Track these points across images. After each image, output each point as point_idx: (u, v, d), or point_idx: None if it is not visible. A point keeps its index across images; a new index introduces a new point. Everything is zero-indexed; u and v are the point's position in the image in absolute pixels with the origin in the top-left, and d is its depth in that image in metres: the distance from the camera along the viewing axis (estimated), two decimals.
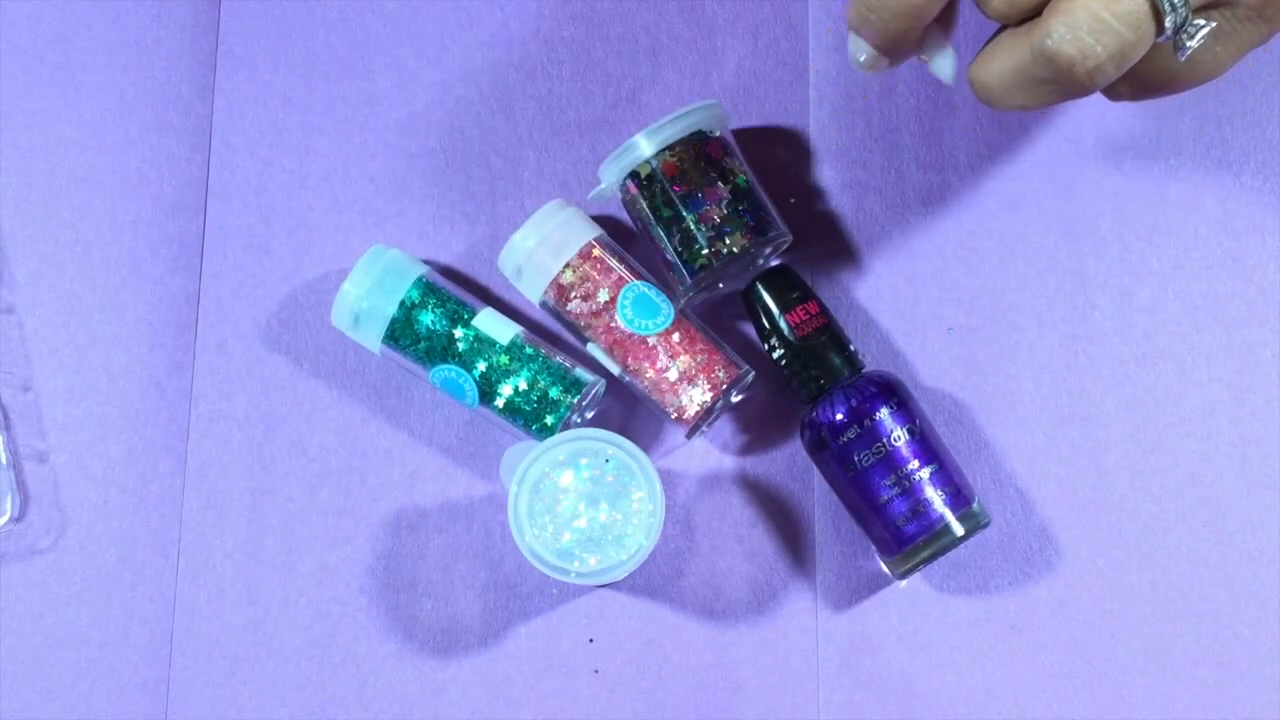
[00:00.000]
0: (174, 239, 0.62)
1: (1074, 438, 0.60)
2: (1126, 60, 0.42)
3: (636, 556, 0.55)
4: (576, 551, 0.56)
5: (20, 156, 0.63)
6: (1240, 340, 0.61)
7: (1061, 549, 0.60)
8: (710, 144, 0.57)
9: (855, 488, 0.57)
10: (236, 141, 0.63)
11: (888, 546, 0.57)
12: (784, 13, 0.63)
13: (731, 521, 0.60)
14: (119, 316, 0.62)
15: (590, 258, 0.58)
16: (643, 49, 0.63)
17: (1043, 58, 0.42)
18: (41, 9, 0.63)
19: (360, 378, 0.61)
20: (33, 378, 0.61)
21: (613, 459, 0.56)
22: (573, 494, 0.56)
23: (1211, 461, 0.60)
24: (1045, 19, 0.42)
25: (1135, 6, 0.41)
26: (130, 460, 0.61)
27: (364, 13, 0.64)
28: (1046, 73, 0.43)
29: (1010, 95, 0.45)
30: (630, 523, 0.56)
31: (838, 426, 0.57)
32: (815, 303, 0.58)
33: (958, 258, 0.61)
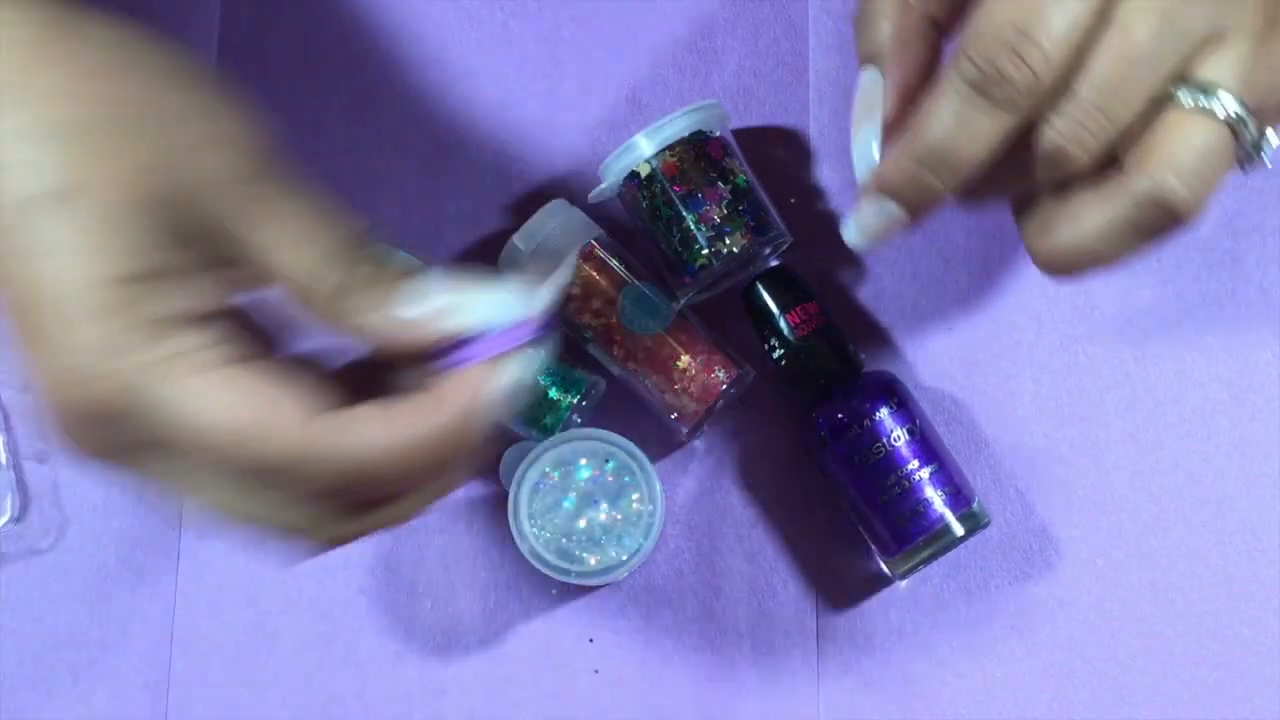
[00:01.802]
0: None
1: (1074, 438, 0.60)
2: (1220, 188, 0.41)
3: (637, 556, 0.55)
4: (576, 551, 0.56)
5: None
6: (1240, 340, 0.61)
7: (1061, 549, 0.60)
8: (710, 144, 0.57)
9: (855, 488, 0.57)
10: None
11: (888, 546, 0.57)
12: (784, 13, 0.63)
13: (731, 521, 0.60)
14: None
15: (590, 258, 0.58)
16: (643, 49, 0.63)
17: (1153, 205, 0.41)
18: None
19: None
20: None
21: (613, 459, 0.56)
22: (573, 494, 0.56)
23: (1211, 461, 0.60)
24: (1144, 168, 0.41)
25: (1224, 138, 0.41)
26: None
27: (364, 12, 0.64)
28: (1154, 220, 0.41)
29: (1112, 249, 0.42)
30: (630, 523, 0.56)
31: (838, 426, 0.57)
32: (815, 303, 0.58)
33: (958, 258, 0.61)
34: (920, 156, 0.41)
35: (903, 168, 0.42)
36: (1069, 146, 0.40)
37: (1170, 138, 0.40)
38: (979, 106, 0.40)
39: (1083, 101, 0.40)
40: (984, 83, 0.39)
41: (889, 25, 0.44)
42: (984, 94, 0.39)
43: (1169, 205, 0.40)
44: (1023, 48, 0.39)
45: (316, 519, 0.37)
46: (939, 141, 0.41)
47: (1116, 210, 0.41)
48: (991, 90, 0.39)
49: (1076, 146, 0.40)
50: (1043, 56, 0.39)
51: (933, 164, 0.41)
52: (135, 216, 0.34)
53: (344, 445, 0.36)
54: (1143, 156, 0.41)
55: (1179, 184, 0.40)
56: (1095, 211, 0.42)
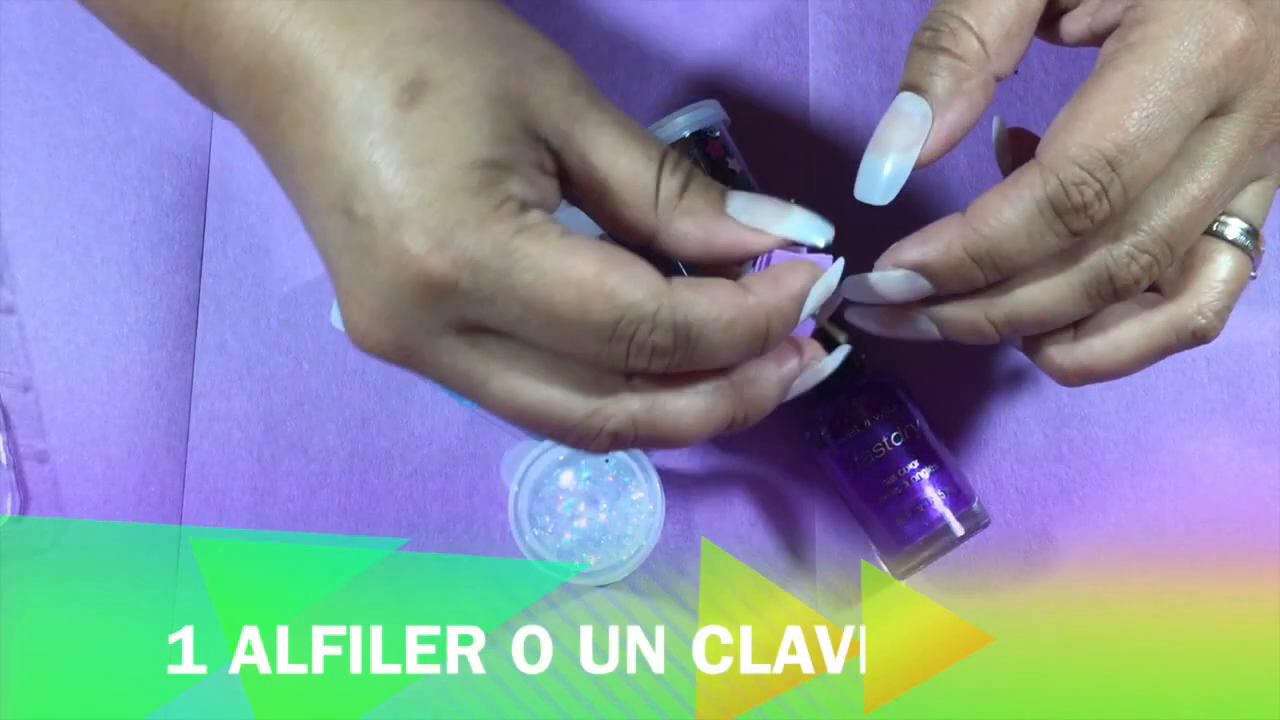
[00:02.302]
0: (174, 239, 0.62)
1: (1074, 438, 0.60)
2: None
3: (636, 556, 0.55)
4: (576, 551, 0.56)
5: (20, 156, 0.63)
6: (1240, 340, 0.61)
7: (1061, 549, 0.60)
8: (710, 144, 0.57)
9: (855, 488, 0.57)
10: (236, 141, 0.62)
11: (888, 546, 0.57)
12: (784, 13, 0.63)
13: (731, 521, 0.60)
14: (119, 316, 0.62)
15: None
16: (642, 49, 0.63)
17: (1191, 335, 0.44)
18: (41, 9, 0.63)
19: (360, 378, 0.61)
20: (33, 378, 0.61)
21: (613, 459, 0.56)
22: (573, 494, 0.56)
23: (1211, 461, 0.60)
24: (1184, 304, 0.43)
25: (1246, 266, 0.44)
26: (130, 460, 0.61)
27: None
28: (1188, 344, 0.44)
29: (1138, 366, 0.45)
30: (630, 523, 0.56)
31: (838, 426, 0.57)
32: None
33: None
34: (976, 252, 0.41)
35: (954, 256, 0.42)
36: (1141, 277, 0.42)
37: (1207, 268, 0.43)
38: (1050, 225, 0.40)
39: (1158, 238, 0.41)
40: (1065, 209, 0.40)
41: (951, 70, 0.43)
42: (1061, 217, 0.40)
43: (1203, 333, 0.43)
44: (1110, 184, 0.39)
45: (620, 397, 0.39)
46: (999, 244, 0.41)
47: (1155, 336, 0.44)
48: (1069, 218, 0.40)
49: (1144, 277, 0.42)
50: (1124, 197, 0.39)
51: (984, 261, 0.41)
52: (495, 110, 0.36)
53: (699, 303, 0.38)
54: (1183, 286, 0.44)
55: (1214, 315, 0.43)
56: (1135, 335, 0.44)
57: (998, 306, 0.43)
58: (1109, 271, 0.41)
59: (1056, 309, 0.43)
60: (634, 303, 0.37)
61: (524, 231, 0.36)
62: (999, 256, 0.41)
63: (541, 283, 0.36)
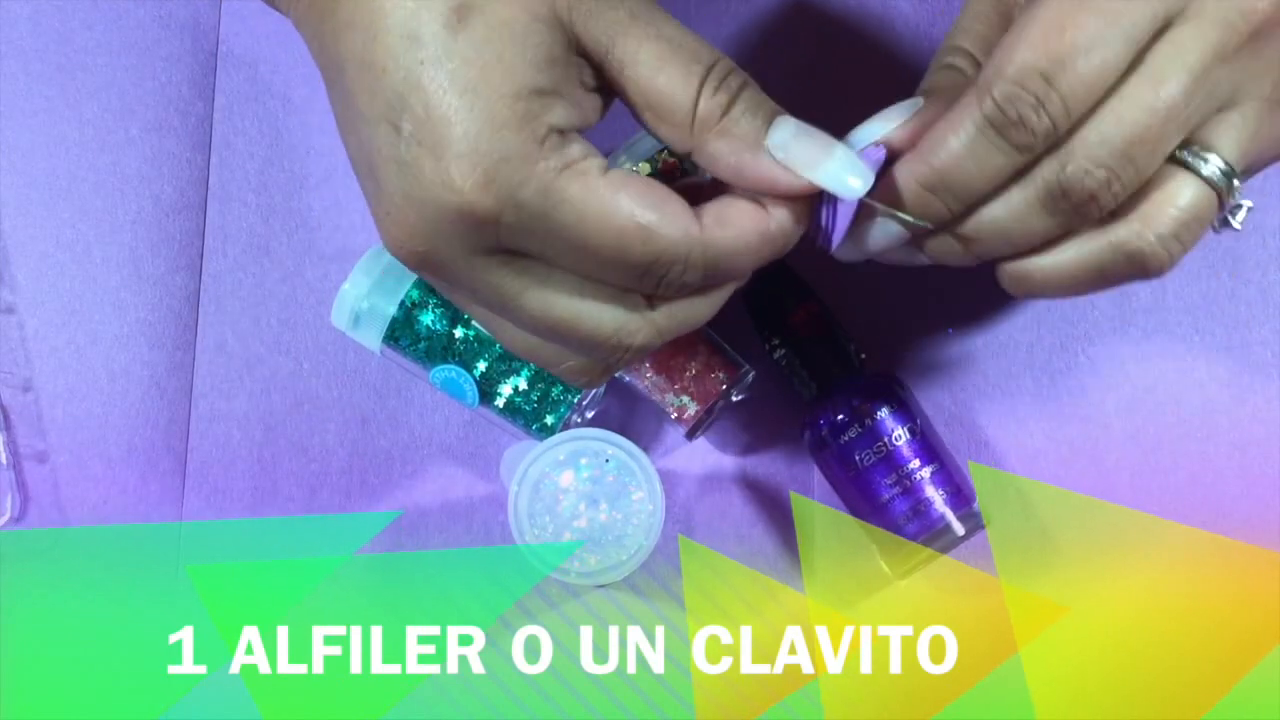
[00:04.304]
0: (174, 239, 0.62)
1: (1074, 438, 0.60)
2: (1194, 245, 0.42)
3: (636, 556, 0.55)
4: (576, 551, 0.56)
5: (20, 156, 0.63)
6: (1240, 340, 0.61)
7: (1061, 549, 0.60)
8: None
9: (856, 487, 0.57)
10: (236, 142, 0.63)
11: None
12: (784, 13, 0.63)
13: (731, 521, 0.60)
14: (119, 316, 0.62)
15: None
16: None
17: (1126, 258, 0.42)
18: (41, 9, 0.63)
19: (360, 378, 0.61)
20: (33, 378, 0.61)
21: (613, 459, 0.56)
22: (573, 494, 0.56)
23: (1211, 461, 0.60)
24: (1129, 223, 0.41)
25: (1210, 201, 0.41)
26: (130, 460, 0.61)
27: None
28: (1125, 270, 0.42)
29: (1077, 286, 0.43)
30: (630, 523, 0.56)
31: (838, 426, 0.57)
32: (815, 302, 0.58)
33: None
34: (925, 180, 0.41)
35: (910, 191, 0.42)
36: (1098, 192, 0.40)
37: (1161, 194, 0.41)
38: (994, 143, 0.40)
39: (1114, 150, 0.39)
40: (1003, 125, 0.39)
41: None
42: (1001, 134, 0.39)
43: (1142, 259, 0.41)
44: (1046, 97, 0.38)
45: (645, 313, 0.41)
46: (946, 168, 0.41)
47: (1092, 253, 0.42)
48: (1009, 133, 0.39)
49: (1102, 192, 0.40)
50: (1064, 109, 0.39)
51: (940, 191, 0.41)
52: (540, 31, 0.37)
53: (726, 238, 0.39)
54: (1134, 217, 0.41)
55: (1157, 240, 0.41)
56: (1074, 250, 0.42)
57: (965, 227, 0.43)
58: (1060, 184, 0.40)
59: (1017, 226, 0.42)
60: (668, 245, 0.38)
61: (566, 170, 0.37)
62: (954, 183, 0.41)
63: (581, 224, 0.37)
